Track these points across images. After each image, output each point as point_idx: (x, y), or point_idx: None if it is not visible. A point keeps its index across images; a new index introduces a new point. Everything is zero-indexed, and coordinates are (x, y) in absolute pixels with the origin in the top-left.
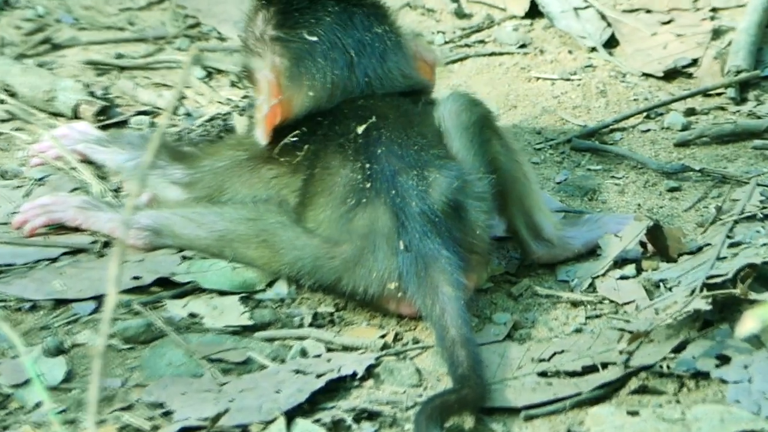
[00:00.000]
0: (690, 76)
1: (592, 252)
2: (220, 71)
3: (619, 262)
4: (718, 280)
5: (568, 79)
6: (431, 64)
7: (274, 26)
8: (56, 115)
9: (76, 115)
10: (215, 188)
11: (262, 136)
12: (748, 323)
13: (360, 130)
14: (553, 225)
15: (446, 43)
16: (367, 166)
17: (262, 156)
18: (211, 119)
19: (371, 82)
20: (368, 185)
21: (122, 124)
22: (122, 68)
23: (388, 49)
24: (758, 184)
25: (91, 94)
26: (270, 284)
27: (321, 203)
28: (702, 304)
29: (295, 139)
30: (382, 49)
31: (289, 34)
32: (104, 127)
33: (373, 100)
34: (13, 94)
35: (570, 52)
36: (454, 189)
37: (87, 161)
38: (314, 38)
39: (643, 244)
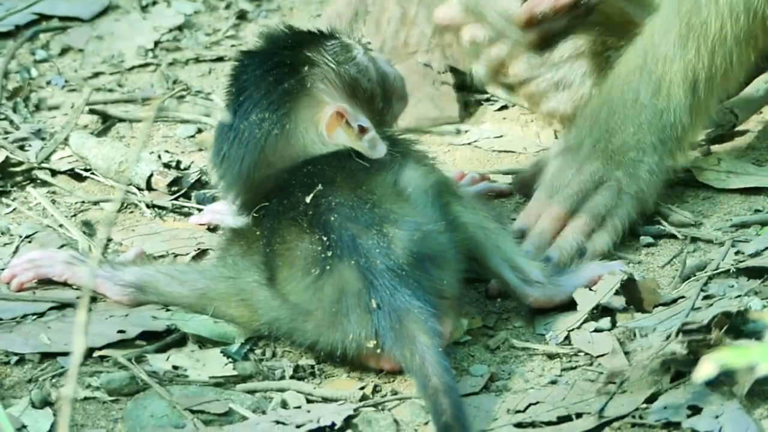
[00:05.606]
0: None
1: (567, 306)
2: (201, 130)
3: (595, 315)
4: (694, 326)
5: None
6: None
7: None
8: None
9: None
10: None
11: None
12: (706, 367)
13: (308, 199)
14: (539, 269)
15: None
16: (324, 239)
17: None
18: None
19: (233, 181)
20: (329, 254)
21: None
22: None
23: (263, 140)
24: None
25: None
26: (251, 338)
27: (285, 277)
28: (678, 347)
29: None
30: (247, 143)
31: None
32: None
33: (318, 165)
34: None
35: None
36: (415, 241)
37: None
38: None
39: (620, 297)
